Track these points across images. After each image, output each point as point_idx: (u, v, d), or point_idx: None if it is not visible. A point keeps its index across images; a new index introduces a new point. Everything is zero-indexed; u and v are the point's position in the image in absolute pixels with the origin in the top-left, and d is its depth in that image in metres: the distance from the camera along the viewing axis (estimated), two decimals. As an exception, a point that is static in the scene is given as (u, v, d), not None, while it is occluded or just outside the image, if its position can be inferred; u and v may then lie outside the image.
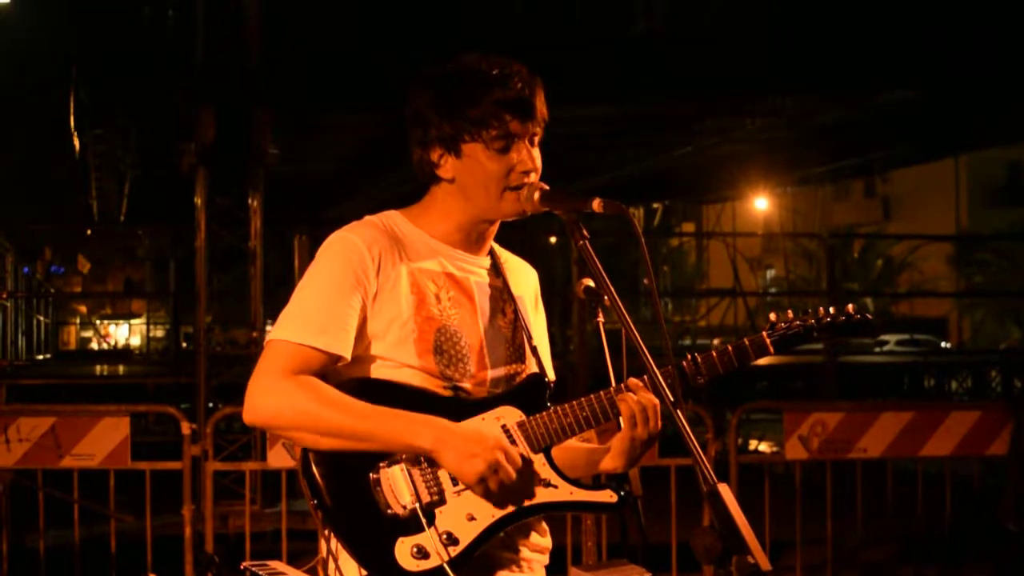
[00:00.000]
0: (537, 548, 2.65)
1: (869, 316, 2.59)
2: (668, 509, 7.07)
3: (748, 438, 15.17)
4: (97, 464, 7.00)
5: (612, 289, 2.42)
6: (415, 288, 2.56)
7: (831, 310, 2.59)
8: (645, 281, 22.43)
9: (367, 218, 2.63)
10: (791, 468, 7.63)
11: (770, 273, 44.54)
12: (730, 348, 2.57)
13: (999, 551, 6.79)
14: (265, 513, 8.74)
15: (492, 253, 2.74)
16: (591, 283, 2.66)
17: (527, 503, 2.52)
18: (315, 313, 2.49)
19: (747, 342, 2.58)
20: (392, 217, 2.64)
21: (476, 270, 2.68)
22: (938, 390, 21.81)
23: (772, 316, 2.62)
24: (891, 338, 34.16)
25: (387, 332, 2.53)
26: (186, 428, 7.05)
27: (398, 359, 2.53)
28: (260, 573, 4.36)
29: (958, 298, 37.85)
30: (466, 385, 2.57)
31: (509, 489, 2.49)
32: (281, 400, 2.45)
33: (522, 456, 2.49)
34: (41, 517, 7.15)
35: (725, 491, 2.16)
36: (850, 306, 2.60)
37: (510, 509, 2.50)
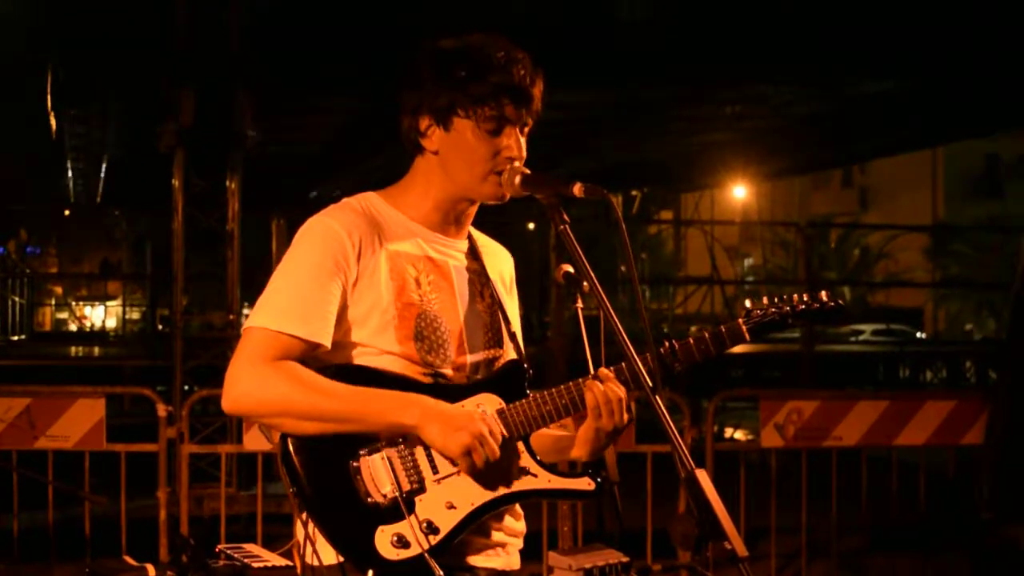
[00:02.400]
0: (512, 532, 2.64)
1: (842, 303, 2.60)
2: (644, 496, 7.08)
3: (724, 426, 15.22)
4: (72, 446, 6.97)
5: (592, 275, 2.41)
6: (395, 273, 2.54)
7: (805, 296, 2.59)
8: (623, 268, 22.44)
9: (345, 201, 2.59)
10: (767, 456, 7.65)
11: (748, 262, 44.70)
12: (706, 335, 2.56)
13: (973, 540, 6.82)
14: (241, 496, 8.71)
15: (470, 236, 2.72)
16: (570, 269, 2.65)
17: (506, 490, 2.51)
18: (294, 300, 2.46)
19: (723, 329, 2.57)
20: (370, 199, 2.61)
21: (454, 253, 2.66)
22: (913, 380, 21.96)
23: (747, 303, 2.62)
24: (867, 328, 34.30)
25: (367, 319, 2.51)
26: (162, 410, 7.02)
27: (379, 346, 2.51)
28: (235, 556, 4.34)
29: (934, 288, 38.02)
30: (446, 371, 2.56)
31: (489, 476, 2.48)
32: (261, 388, 2.42)
33: (502, 442, 2.48)
34: (15, 498, 7.11)
35: (703, 477, 2.16)
36: (823, 293, 2.60)
37: (489, 496, 2.50)
